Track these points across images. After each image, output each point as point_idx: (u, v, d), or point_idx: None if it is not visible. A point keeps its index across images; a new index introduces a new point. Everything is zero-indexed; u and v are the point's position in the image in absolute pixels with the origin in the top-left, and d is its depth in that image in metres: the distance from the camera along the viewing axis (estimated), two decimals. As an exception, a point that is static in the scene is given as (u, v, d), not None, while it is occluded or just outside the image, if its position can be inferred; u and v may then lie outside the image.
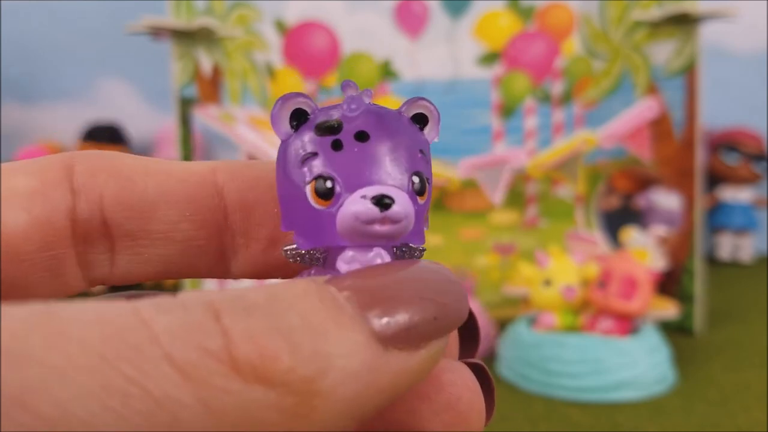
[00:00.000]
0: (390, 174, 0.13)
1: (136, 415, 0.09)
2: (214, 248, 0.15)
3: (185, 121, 0.82)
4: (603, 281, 0.66)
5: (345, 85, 0.14)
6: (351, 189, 0.13)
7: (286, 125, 0.14)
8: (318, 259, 0.14)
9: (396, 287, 0.12)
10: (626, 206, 1.12)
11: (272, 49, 0.88)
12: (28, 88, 1.30)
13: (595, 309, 0.67)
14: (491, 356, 0.72)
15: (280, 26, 0.88)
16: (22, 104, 1.31)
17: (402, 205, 0.13)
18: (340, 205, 0.13)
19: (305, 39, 0.89)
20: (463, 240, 0.91)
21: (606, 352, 0.63)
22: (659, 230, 0.90)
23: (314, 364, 0.10)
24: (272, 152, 0.81)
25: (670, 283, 0.81)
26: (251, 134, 0.81)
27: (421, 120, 0.14)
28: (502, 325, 0.76)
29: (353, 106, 0.13)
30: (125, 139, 1.18)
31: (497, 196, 0.80)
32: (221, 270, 0.16)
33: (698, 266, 0.81)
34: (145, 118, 1.29)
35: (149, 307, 0.10)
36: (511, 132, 0.91)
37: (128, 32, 0.79)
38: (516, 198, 0.91)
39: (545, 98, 0.90)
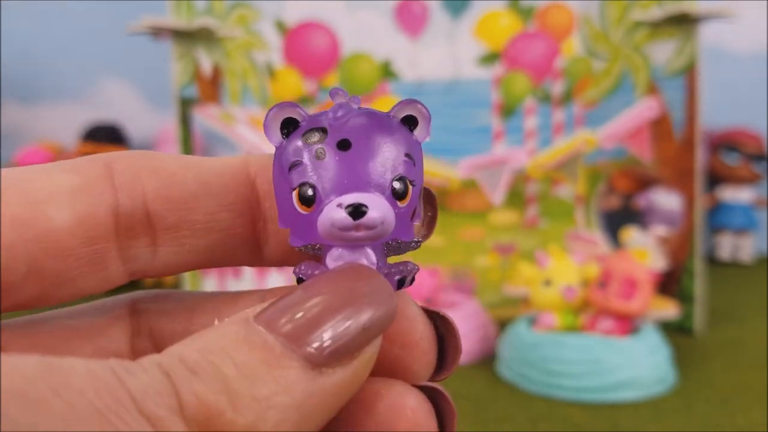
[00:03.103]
0: (368, 181, 0.14)
1: None
2: (249, 236, 0.16)
3: (185, 121, 0.82)
4: (603, 281, 0.66)
5: (333, 93, 0.14)
6: (330, 196, 0.14)
7: (277, 134, 0.14)
8: (319, 250, 0.15)
9: (319, 309, 0.12)
10: (626, 206, 1.12)
11: (272, 49, 0.88)
12: (28, 88, 1.30)
13: (595, 309, 0.67)
14: (491, 356, 0.72)
15: (280, 26, 0.88)
16: (22, 104, 1.31)
17: (378, 210, 0.13)
18: (320, 211, 0.14)
19: (305, 39, 0.89)
20: (463, 240, 0.91)
21: (606, 352, 0.63)
22: (659, 230, 0.90)
23: (253, 410, 0.11)
24: (272, 152, 0.81)
25: (670, 283, 0.82)
26: (251, 134, 0.81)
27: (412, 122, 0.15)
28: (502, 325, 0.76)
29: (339, 114, 0.14)
30: (125, 139, 1.18)
31: (497, 196, 0.80)
32: (256, 258, 0.17)
33: (698, 266, 0.81)
34: (145, 118, 1.29)
35: (120, 368, 0.11)
36: (511, 132, 0.91)
37: (128, 32, 0.79)
38: (516, 198, 0.91)
39: (545, 98, 0.90)
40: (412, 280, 0.15)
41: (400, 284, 0.15)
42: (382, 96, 0.89)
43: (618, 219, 1.04)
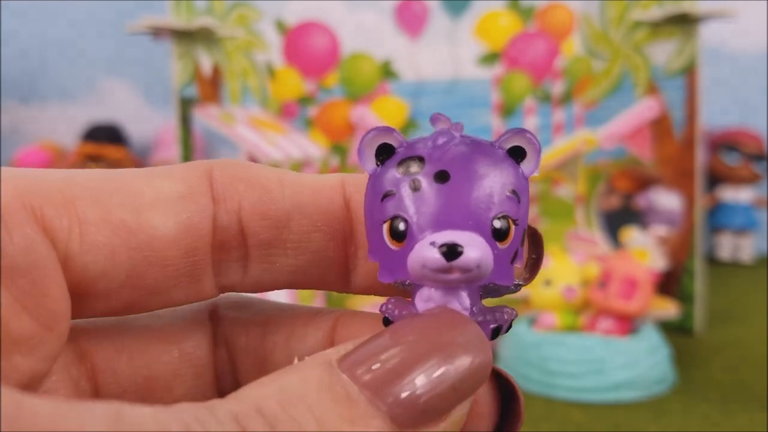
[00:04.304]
0: (466, 218, 0.12)
1: None
2: (340, 260, 0.15)
3: (185, 121, 0.82)
4: (603, 281, 0.66)
5: (434, 119, 0.13)
6: (424, 232, 0.12)
7: (371, 160, 0.13)
8: (409, 286, 0.14)
9: (405, 358, 0.12)
10: (626, 206, 1.12)
11: (272, 49, 0.88)
12: (28, 88, 1.30)
13: (595, 309, 0.67)
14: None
15: (280, 26, 0.88)
16: (22, 104, 1.31)
17: (474, 251, 0.12)
18: (412, 248, 0.12)
19: (305, 39, 0.89)
20: (463, 240, 0.91)
21: (606, 352, 0.63)
22: (659, 230, 0.90)
23: None
24: (271, 152, 0.81)
25: (670, 283, 0.81)
26: (251, 134, 0.81)
27: (519, 153, 0.14)
28: (502, 325, 0.76)
29: (439, 142, 0.13)
30: (125, 139, 1.18)
31: (497, 196, 0.80)
32: (344, 283, 0.16)
33: (698, 266, 0.81)
34: (145, 118, 1.29)
35: (193, 420, 0.10)
36: (511, 132, 0.91)
37: (128, 32, 0.80)
38: (516, 198, 0.90)
39: (545, 98, 0.90)
40: (509, 327, 0.14)
41: (496, 333, 0.14)
42: (383, 96, 0.89)
43: (618, 219, 1.04)
